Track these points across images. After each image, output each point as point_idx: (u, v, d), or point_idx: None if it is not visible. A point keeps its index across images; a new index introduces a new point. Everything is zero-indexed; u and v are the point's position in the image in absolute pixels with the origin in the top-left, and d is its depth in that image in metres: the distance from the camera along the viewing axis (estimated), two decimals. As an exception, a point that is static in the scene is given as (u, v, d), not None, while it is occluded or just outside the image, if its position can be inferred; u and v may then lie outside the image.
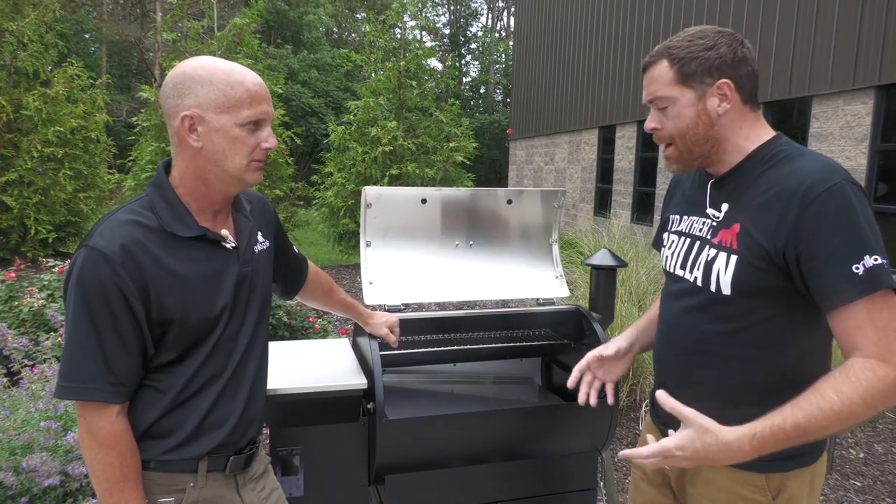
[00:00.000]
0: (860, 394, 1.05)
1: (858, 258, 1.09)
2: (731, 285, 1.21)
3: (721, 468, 1.27)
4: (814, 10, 7.42)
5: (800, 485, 1.28)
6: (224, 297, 1.23)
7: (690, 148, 1.27)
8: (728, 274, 1.21)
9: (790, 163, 1.19)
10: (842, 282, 1.10)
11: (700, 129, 1.25)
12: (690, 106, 1.24)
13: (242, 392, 1.29)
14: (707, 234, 1.29)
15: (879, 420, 4.08)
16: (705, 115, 1.24)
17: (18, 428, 2.33)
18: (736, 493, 1.28)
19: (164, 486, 1.21)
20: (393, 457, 1.77)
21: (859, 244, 1.10)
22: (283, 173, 8.68)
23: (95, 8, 22.05)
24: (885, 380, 1.06)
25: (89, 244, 1.12)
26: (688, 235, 1.35)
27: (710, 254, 1.26)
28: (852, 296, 1.09)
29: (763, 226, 1.18)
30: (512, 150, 18.70)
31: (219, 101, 1.16)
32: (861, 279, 1.09)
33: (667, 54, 1.25)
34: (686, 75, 1.23)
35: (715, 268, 1.24)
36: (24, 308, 3.92)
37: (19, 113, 8.07)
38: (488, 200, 2.18)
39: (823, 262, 1.11)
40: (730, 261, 1.21)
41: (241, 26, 8.37)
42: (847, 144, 7.01)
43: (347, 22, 29.23)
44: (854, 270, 1.09)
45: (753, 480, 1.27)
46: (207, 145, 1.17)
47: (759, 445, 1.08)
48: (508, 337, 2.26)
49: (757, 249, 1.18)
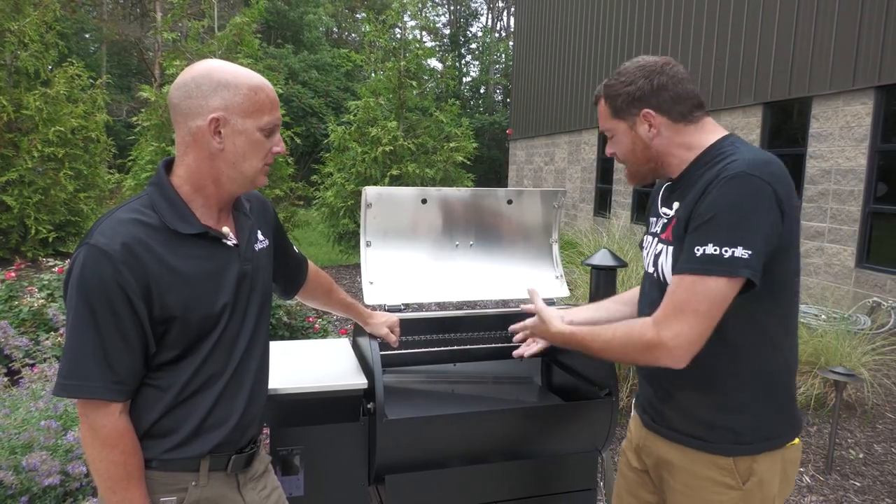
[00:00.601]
0: (621, 336, 1.29)
1: (704, 243, 1.21)
2: (671, 273, 1.33)
3: (693, 457, 1.37)
4: (814, 10, 7.42)
5: (770, 469, 1.34)
6: (225, 295, 1.23)
7: (637, 167, 1.45)
8: (668, 263, 1.35)
9: (725, 158, 1.30)
10: (682, 257, 1.25)
11: (638, 152, 1.42)
12: (625, 134, 1.42)
13: (244, 391, 1.29)
14: (659, 231, 1.44)
15: (879, 421, 4.08)
16: (639, 140, 1.40)
17: (19, 427, 2.33)
18: (708, 478, 1.35)
19: (166, 486, 1.21)
20: (393, 457, 1.77)
21: (711, 230, 1.21)
22: (283, 173, 8.68)
23: (95, 7, 22.05)
24: (643, 336, 1.25)
25: (90, 242, 1.12)
26: (653, 235, 1.49)
27: (658, 248, 1.41)
28: (678, 269, 1.25)
29: (686, 215, 1.31)
30: (512, 151, 18.70)
31: (244, 106, 1.18)
32: (693, 259, 1.22)
33: (603, 93, 1.45)
34: (616, 109, 1.42)
35: (660, 260, 1.38)
36: (24, 308, 3.93)
37: (20, 113, 8.07)
38: (489, 200, 2.18)
39: (687, 237, 1.27)
40: (668, 252, 1.35)
41: (242, 26, 8.37)
42: (847, 145, 7.01)
43: (347, 22, 29.24)
44: (694, 251, 1.22)
45: (723, 464, 1.33)
46: (229, 147, 1.19)
47: (563, 340, 1.48)
48: (508, 337, 2.26)
49: (682, 236, 1.30)
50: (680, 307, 1.21)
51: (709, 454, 1.34)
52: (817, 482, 3.28)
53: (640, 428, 1.54)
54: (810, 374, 4.17)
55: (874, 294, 6.59)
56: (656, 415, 1.46)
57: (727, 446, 1.33)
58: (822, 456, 3.55)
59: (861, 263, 6.85)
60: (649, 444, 1.48)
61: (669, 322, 1.22)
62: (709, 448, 1.34)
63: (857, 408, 4.24)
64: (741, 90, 8.63)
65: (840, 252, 7.08)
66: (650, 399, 1.48)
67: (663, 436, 1.43)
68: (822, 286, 7.24)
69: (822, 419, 4.03)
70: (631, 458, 1.58)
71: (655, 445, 1.46)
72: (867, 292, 6.70)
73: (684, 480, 1.38)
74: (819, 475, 3.35)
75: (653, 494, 1.53)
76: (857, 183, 6.86)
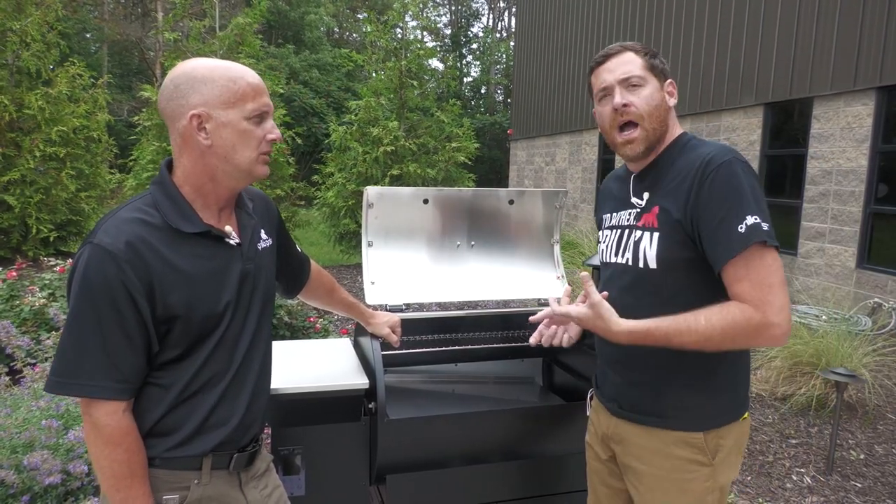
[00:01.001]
0: (722, 325, 1.24)
1: (741, 219, 1.25)
2: (655, 259, 1.37)
3: (665, 438, 1.40)
4: (815, 11, 7.42)
5: (734, 441, 1.42)
6: (228, 294, 1.24)
7: (655, 127, 1.41)
8: (653, 249, 1.38)
9: (695, 149, 1.39)
10: (727, 241, 1.26)
11: (662, 112, 1.42)
12: (658, 91, 1.42)
13: (246, 389, 1.29)
14: (633, 221, 1.46)
15: (880, 422, 4.08)
16: (664, 102, 1.43)
17: (20, 426, 2.33)
18: (680, 458, 1.39)
19: (169, 484, 1.21)
20: (394, 456, 1.77)
21: (742, 207, 1.26)
22: (284, 173, 8.69)
23: (97, 7, 22.06)
24: (750, 320, 1.23)
25: (94, 241, 1.12)
26: (617, 227, 1.52)
27: (637, 235, 1.43)
28: (734, 251, 1.25)
29: (676, 203, 1.35)
30: (513, 151, 18.70)
31: (224, 97, 1.18)
32: (741, 236, 1.25)
33: (630, 48, 1.43)
34: (652, 66, 1.42)
35: (641, 246, 1.40)
36: (25, 307, 3.93)
37: (22, 112, 8.08)
38: (490, 201, 2.18)
39: (716, 227, 1.28)
40: (653, 238, 1.38)
41: (244, 26, 8.37)
42: (848, 146, 7.01)
43: (349, 22, 29.24)
44: (738, 230, 1.25)
45: (694, 441, 1.38)
46: (217, 142, 1.19)
47: (632, 339, 1.31)
48: (509, 337, 2.26)
49: (673, 223, 1.35)
50: (766, 282, 1.23)
51: (680, 432, 1.39)
52: (818, 483, 3.28)
53: (604, 417, 1.55)
54: (811, 375, 4.17)
55: (875, 295, 6.58)
56: (624, 401, 1.48)
57: (698, 422, 1.38)
58: (822, 457, 3.54)
59: (862, 264, 6.84)
60: (619, 431, 1.49)
61: (767, 299, 1.23)
62: (680, 426, 1.39)
63: (858, 409, 4.24)
64: (742, 91, 8.63)
65: (841, 253, 7.08)
66: (616, 386, 1.50)
67: (633, 420, 1.45)
68: (823, 287, 7.23)
69: (823, 420, 4.03)
70: (599, 450, 1.59)
71: (625, 432, 1.48)
72: (868, 293, 6.69)
73: (657, 463, 1.41)
74: (820, 476, 3.35)
75: (622, 482, 1.55)
76: (857, 184, 6.85)
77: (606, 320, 1.32)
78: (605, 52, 1.46)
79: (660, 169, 1.44)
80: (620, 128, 1.43)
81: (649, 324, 1.29)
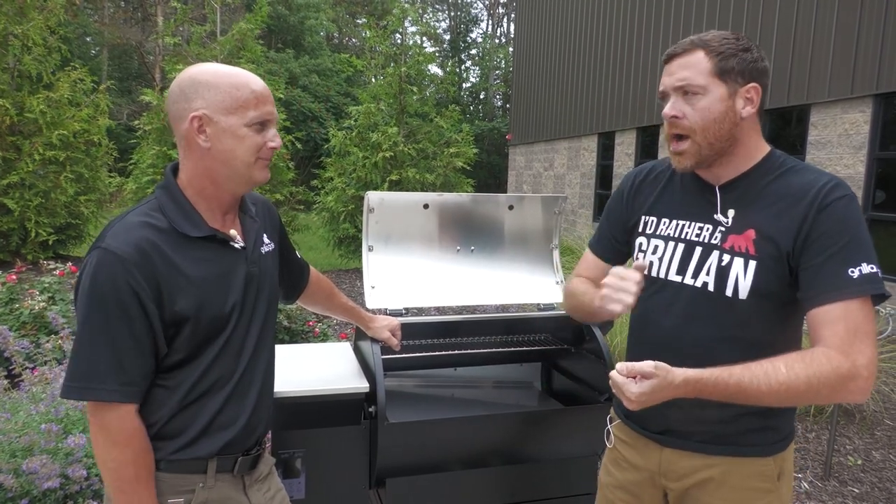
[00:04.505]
0: (808, 374, 1.11)
1: (857, 264, 1.16)
2: (749, 290, 1.23)
3: (736, 467, 1.30)
4: (812, 18, 7.47)
5: (790, 462, 1.36)
6: (234, 296, 1.25)
7: (711, 142, 1.25)
8: (747, 279, 1.23)
9: (799, 174, 1.26)
10: (834, 280, 1.16)
11: (725, 126, 1.25)
12: (721, 101, 1.24)
13: (252, 392, 1.31)
14: (716, 240, 1.29)
15: (877, 427, 4.09)
16: (732, 112, 1.24)
17: (19, 430, 2.33)
18: (750, 488, 1.30)
19: (174, 487, 1.22)
20: (394, 460, 1.78)
21: (860, 251, 1.17)
22: (283, 177, 8.70)
23: (97, 11, 22.12)
24: (838, 369, 1.11)
25: (102, 246, 1.14)
26: (682, 241, 1.34)
27: (724, 259, 1.27)
28: (842, 295, 1.15)
29: (783, 231, 1.22)
30: (511, 156, 18.74)
31: (226, 103, 1.19)
32: (855, 282, 1.15)
33: (703, 46, 1.25)
34: (723, 70, 1.24)
35: (732, 273, 1.25)
36: (24, 310, 3.93)
37: (23, 116, 8.09)
38: (489, 206, 2.19)
39: (824, 261, 1.18)
40: (748, 266, 1.24)
41: (245, 31, 8.40)
42: (845, 152, 7.04)
43: (348, 27, 29.32)
44: (850, 274, 1.16)
45: (765, 469, 1.30)
46: (216, 145, 1.20)
47: (698, 389, 1.13)
48: (509, 342, 2.27)
49: (777, 254, 1.22)
50: (862, 330, 1.14)
51: (754, 458, 1.30)
52: (816, 488, 3.28)
53: (653, 453, 1.40)
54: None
55: (873, 301, 6.60)
56: (688, 432, 1.34)
57: (769, 447, 1.31)
58: (820, 462, 3.55)
59: (859, 270, 6.87)
60: (679, 466, 1.35)
61: (859, 348, 1.13)
62: (754, 452, 1.30)
63: (855, 414, 4.25)
64: (740, 97, 8.67)
65: (838, 259, 7.10)
66: (675, 418, 1.34)
67: (701, 451, 1.33)
68: (821, 293, 7.25)
69: (820, 425, 4.04)
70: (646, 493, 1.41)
71: (690, 465, 1.34)
72: (866, 299, 6.71)
73: (724, 496, 1.31)
74: (817, 481, 3.36)
75: None
76: (855, 190, 6.88)
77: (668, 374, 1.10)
78: (675, 47, 1.29)
79: (751, 186, 1.28)
80: (673, 136, 1.30)
81: (721, 374, 1.12)
